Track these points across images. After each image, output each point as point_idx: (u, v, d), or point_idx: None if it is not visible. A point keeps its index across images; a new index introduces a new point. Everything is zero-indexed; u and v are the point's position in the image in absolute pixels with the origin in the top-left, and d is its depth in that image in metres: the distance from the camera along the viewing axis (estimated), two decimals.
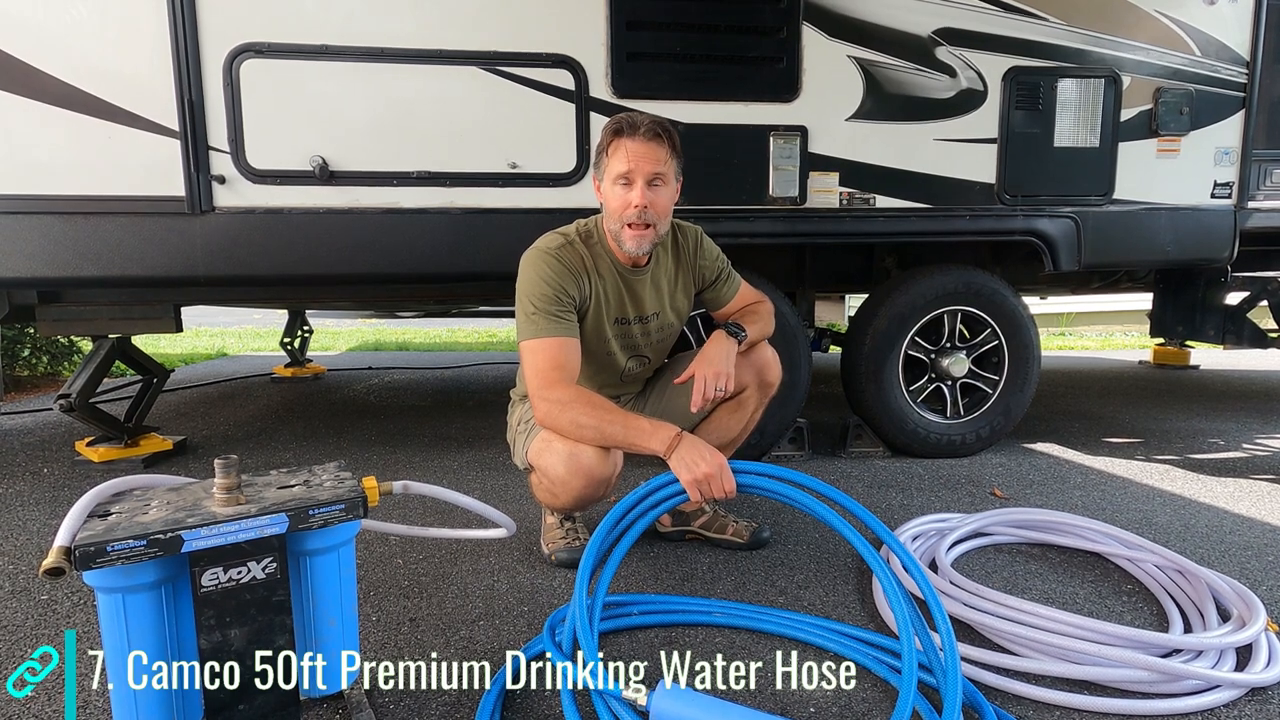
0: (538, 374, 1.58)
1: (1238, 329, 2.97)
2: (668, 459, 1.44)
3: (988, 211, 2.61)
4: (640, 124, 1.57)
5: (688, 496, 1.40)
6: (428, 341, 7.46)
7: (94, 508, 1.00)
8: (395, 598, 1.61)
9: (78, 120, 2.17)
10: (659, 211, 1.61)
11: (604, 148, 1.62)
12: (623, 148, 1.57)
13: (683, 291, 1.84)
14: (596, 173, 1.67)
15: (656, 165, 1.58)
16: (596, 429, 1.52)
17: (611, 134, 1.60)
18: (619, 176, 1.59)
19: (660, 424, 1.51)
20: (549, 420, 1.58)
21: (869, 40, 2.46)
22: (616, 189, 1.59)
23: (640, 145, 1.56)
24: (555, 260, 1.63)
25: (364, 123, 2.30)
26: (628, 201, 1.59)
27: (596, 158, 1.66)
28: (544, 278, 1.61)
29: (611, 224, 1.64)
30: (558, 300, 1.60)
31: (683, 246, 1.82)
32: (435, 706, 1.21)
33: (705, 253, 1.84)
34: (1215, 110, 2.71)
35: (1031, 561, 1.79)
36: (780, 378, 1.86)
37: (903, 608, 1.15)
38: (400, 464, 2.72)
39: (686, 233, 1.83)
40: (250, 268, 2.31)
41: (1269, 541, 1.92)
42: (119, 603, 0.93)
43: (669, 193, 1.63)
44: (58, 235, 2.21)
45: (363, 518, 1.07)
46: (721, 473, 1.39)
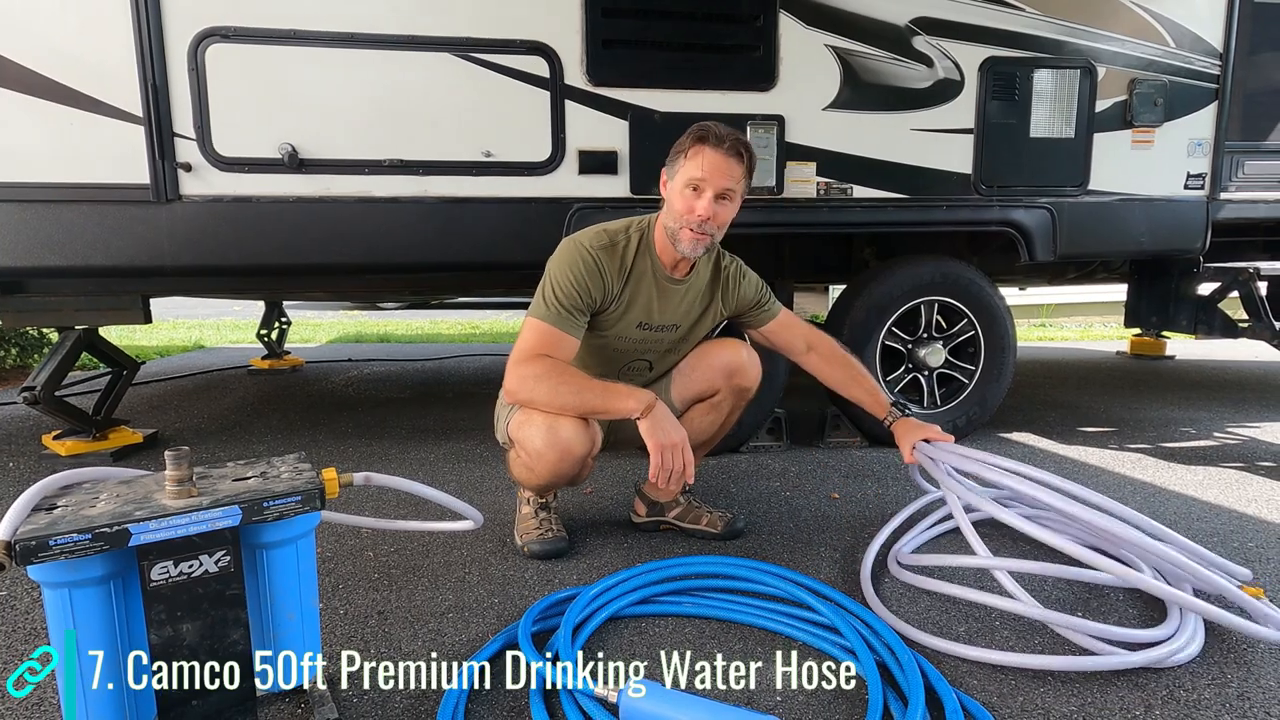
0: (524, 349, 1.59)
1: (1209, 319, 3.00)
2: (641, 420, 1.51)
3: (964, 202, 2.62)
4: (725, 138, 1.57)
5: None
6: (409, 333, 7.40)
7: (40, 501, 0.97)
8: (364, 590, 1.59)
9: (38, 106, 2.11)
10: (719, 225, 1.63)
11: (683, 149, 1.61)
12: (702, 155, 1.57)
13: (710, 314, 1.82)
14: (670, 169, 1.65)
15: (729, 182, 1.58)
16: (575, 394, 1.55)
17: (695, 139, 1.59)
18: (691, 181, 1.58)
19: (634, 389, 1.57)
20: (522, 391, 1.58)
21: (846, 29, 2.45)
22: (686, 192, 1.59)
23: (719, 158, 1.56)
24: (592, 260, 1.63)
25: (335, 110, 2.25)
26: (692, 208, 1.59)
27: (672, 155, 1.64)
28: (575, 273, 1.61)
29: (671, 222, 1.63)
30: (576, 297, 1.61)
31: (724, 269, 1.81)
32: (400, 700, 1.20)
33: (747, 279, 1.84)
34: (1189, 102, 2.72)
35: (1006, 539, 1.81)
36: (758, 381, 1.84)
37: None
38: (376, 456, 2.69)
39: (729, 258, 1.83)
40: (219, 258, 2.27)
41: (1235, 528, 1.94)
42: (65, 598, 0.91)
43: (732, 210, 1.64)
44: (18, 223, 2.16)
45: (320, 510, 1.05)
46: (684, 446, 1.51)
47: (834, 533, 1.92)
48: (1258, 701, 1.18)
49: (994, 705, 1.17)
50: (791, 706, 1.18)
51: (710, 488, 2.27)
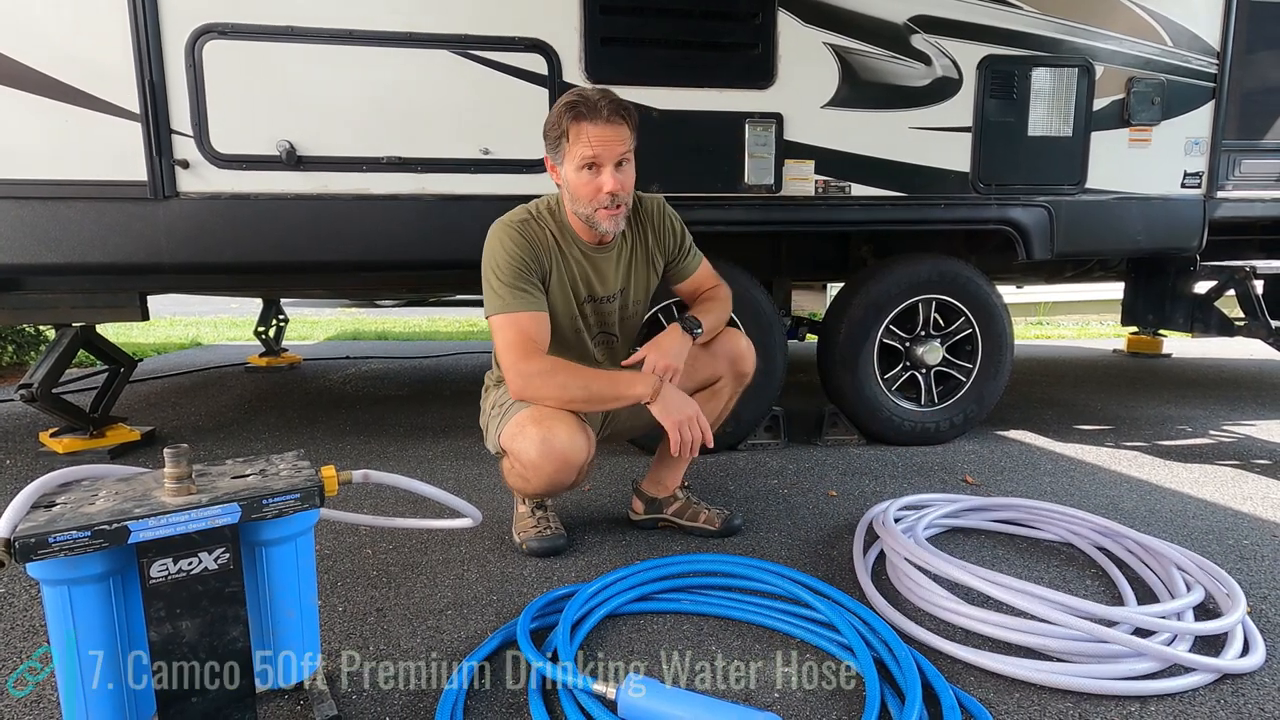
0: (509, 348, 1.57)
1: (1206, 317, 3.01)
2: (653, 403, 1.54)
3: (962, 200, 2.62)
4: (600, 105, 1.51)
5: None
6: (407, 331, 7.39)
7: (39, 498, 0.97)
8: (363, 588, 1.60)
9: (35, 103, 2.10)
10: (628, 191, 1.60)
11: (563, 132, 1.54)
12: (585, 133, 1.52)
13: (649, 266, 1.81)
14: (554, 155, 1.60)
15: (622, 147, 1.55)
16: (584, 388, 1.55)
17: (571, 118, 1.52)
18: (584, 161, 1.54)
19: (640, 374, 1.59)
20: (528, 392, 1.57)
21: (845, 27, 2.45)
22: (583, 175, 1.55)
23: (604, 129, 1.52)
24: (518, 234, 1.61)
25: (332, 107, 2.25)
26: (598, 187, 1.55)
27: (551, 139, 1.58)
28: (508, 251, 1.59)
29: (581, 208, 1.60)
30: (522, 273, 1.59)
31: (645, 216, 1.78)
32: (399, 697, 1.20)
33: (671, 221, 1.81)
34: (1186, 100, 2.73)
35: (999, 547, 1.81)
36: (755, 367, 1.86)
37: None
38: (374, 454, 2.69)
39: (647, 203, 1.79)
40: (216, 255, 2.27)
41: (1230, 525, 1.95)
42: (64, 595, 0.91)
43: (633, 170, 1.61)
44: (16, 220, 2.15)
45: (319, 507, 1.05)
46: (698, 415, 1.55)
47: (831, 530, 1.92)
48: (1252, 698, 1.19)
49: (990, 702, 1.18)
50: (789, 703, 1.19)
51: (708, 485, 2.27)
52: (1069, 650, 1.26)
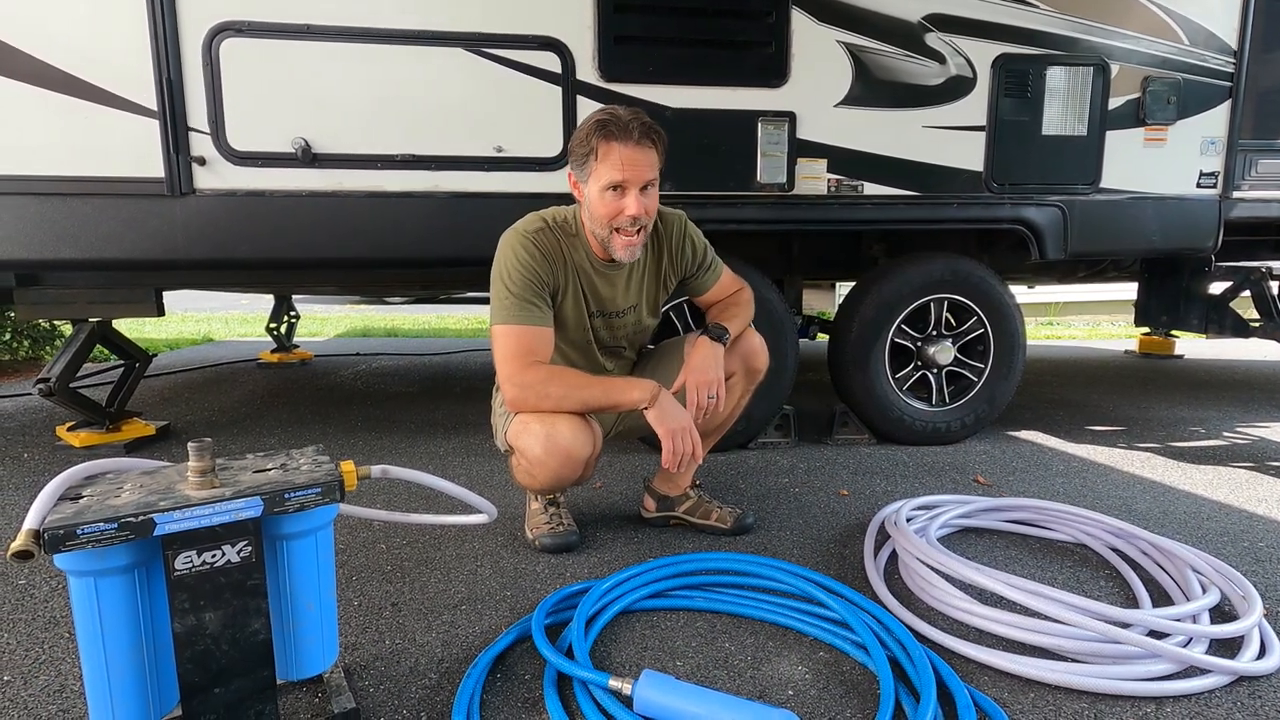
0: (507, 360, 1.57)
1: (1220, 318, 2.99)
2: (649, 409, 1.53)
3: (975, 199, 2.61)
4: (632, 127, 1.49)
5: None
6: (417, 328, 7.42)
7: (65, 490, 0.98)
8: (378, 582, 1.61)
9: (53, 99, 2.12)
10: (650, 215, 1.59)
11: (591, 149, 1.52)
12: (615, 153, 1.49)
13: (660, 285, 1.80)
14: (579, 171, 1.57)
15: (650, 173, 1.53)
16: (578, 398, 1.56)
17: (600, 136, 1.50)
18: (611, 184, 1.51)
19: (637, 380, 1.59)
20: (522, 402, 1.58)
21: (858, 25, 2.45)
22: (607, 195, 1.53)
23: (634, 152, 1.50)
24: (532, 244, 1.60)
25: (347, 104, 2.26)
26: (620, 209, 1.53)
27: (578, 155, 1.56)
28: (521, 262, 1.58)
29: (598, 228, 1.59)
30: (532, 285, 1.58)
31: (664, 236, 1.76)
32: (415, 690, 1.21)
33: (690, 242, 1.79)
34: (1202, 100, 2.71)
35: (1012, 548, 1.81)
36: (768, 365, 1.86)
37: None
38: (385, 450, 2.71)
39: (669, 221, 1.76)
40: (231, 251, 2.28)
41: (1245, 527, 1.94)
42: (91, 586, 0.92)
43: (657, 194, 1.60)
44: (34, 217, 2.17)
45: (339, 501, 1.06)
46: (691, 429, 1.54)
47: (843, 529, 1.92)
48: (1269, 701, 1.19)
49: (1005, 701, 1.18)
50: (804, 701, 1.19)
51: (719, 483, 2.28)
52: (1084, 651, 1.27)
